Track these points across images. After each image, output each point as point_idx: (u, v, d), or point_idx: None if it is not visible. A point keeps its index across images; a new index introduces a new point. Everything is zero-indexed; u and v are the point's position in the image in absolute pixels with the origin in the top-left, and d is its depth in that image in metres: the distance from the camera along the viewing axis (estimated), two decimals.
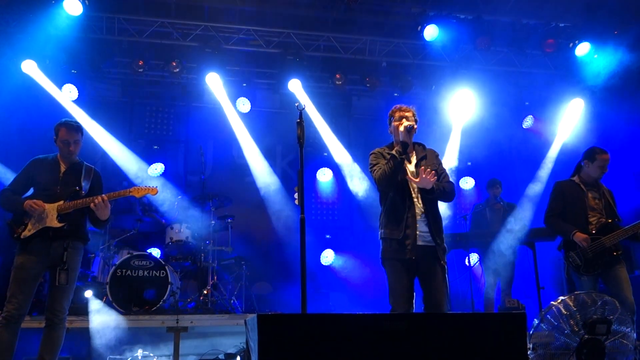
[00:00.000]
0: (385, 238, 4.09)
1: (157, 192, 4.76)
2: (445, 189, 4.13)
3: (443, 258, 4.03)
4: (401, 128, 4.08)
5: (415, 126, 4.17)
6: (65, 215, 4.37)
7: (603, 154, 5.16)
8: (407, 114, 4.21)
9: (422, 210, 4.04)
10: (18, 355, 4.98)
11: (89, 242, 4.64)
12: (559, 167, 9.38)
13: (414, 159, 4.22)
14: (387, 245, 4.07)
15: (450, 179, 4.28)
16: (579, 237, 4.96)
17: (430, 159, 4.25)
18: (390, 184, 4.07)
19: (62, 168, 4.51)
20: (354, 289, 8.30)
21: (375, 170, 4.16)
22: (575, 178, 5.30)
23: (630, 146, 8.81)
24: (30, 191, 4.50)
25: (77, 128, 4.53)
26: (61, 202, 4.38)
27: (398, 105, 4.32)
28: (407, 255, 3.93)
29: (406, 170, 4.11)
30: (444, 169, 4.28)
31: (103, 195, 4.43)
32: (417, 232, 3.97)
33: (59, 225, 4.34)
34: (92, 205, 4.35)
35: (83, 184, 4.53)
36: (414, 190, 4.07)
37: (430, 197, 4.05)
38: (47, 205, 4.34)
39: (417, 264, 3.96)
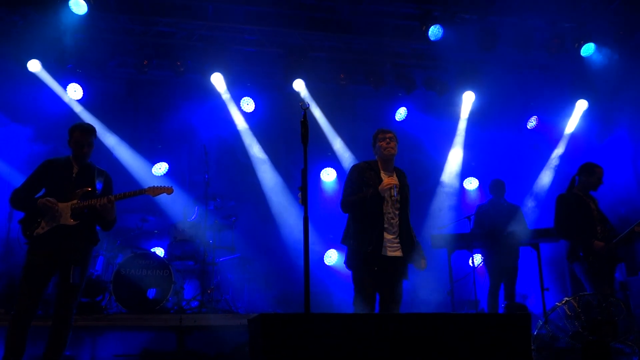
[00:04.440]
0: (352, 249, 4.39)
1: (172, 191, 4.80)
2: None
3: (406, 270, 4.39)
4: (383, 151, 4.48)
5: (392, 148, 4.49)
6: (79, 214, 4.42)
7: (600, 168, 5.65)
8: (388, 135, 4.55)
9: (396, 224, 4.37)
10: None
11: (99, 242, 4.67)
12: (563, 168, 9.35)
13: (394, 180, 4.48)
14: (353, 254, 4.38)
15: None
16: (598, 245, 5.25)
17: (406, 186, 4.64)
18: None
19: (75, 169, 4.56)
20: None
21: (346, 194, 4.51)
22: (576, 190, 5.65)
23: (634, 147, 8.78)
24: (42, 192, 4.54)
25: (91, 131, 4.61)
26: (75, 200, 4.43)
27: (381, 128, 4.68)
28: (372, 265, 4.24)
29: (381, 182, 4.40)
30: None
31: (110, 196, 4.49)
32: (389, 245, 4.29)
33: (73, 223, 4.38)
34: (97, 205, 4.39)
35: (97, 184, 4.59)
36: (386, 203, 4.35)
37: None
38: (60, 204, 4.39)
39: (380, 272, 4.26)
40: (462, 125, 9.35)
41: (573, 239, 5.48)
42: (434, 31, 7.88)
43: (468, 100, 9.10)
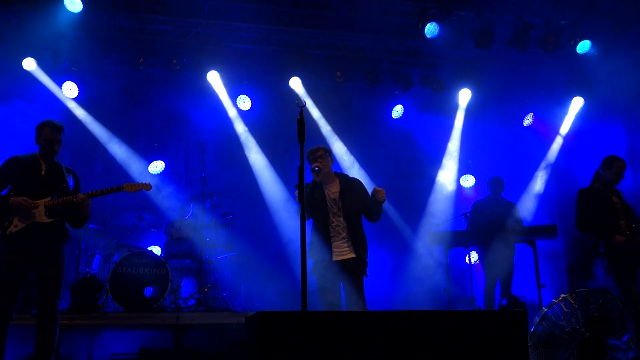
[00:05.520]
0: (311, 258, 4.72)
1: (150, 187, 4.80)
2: (380, 211, 4.88)
3: (362, 269, 4.71)
4: (312, 171, 4.76)
5: (320, 166, 4.74)
6: (54, 211, 4.39)
7: (620, 161, 5.44)
8: (317, 154, 4.83)
9: (342, 229, 4.71)
10: (14, 353, 4.97)
11: (71, 239, 4.65)
12: (559, 165, 9.38)
13: (336, 188, 4.83)
14: (313, 262, 4.72)
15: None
16: (620, 239, 5.09)
17: (355, 188, 4.90)
18: (309, 215, 4.75)
19: (43, 167, 4.52)
20: None
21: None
22: (597, 184, 5.47)
23: (629, 143, 8.81)
24: (7, 188, 4.48)
25: (60, 128, 4.55)
26: (48, 198, 4.40)
27: (310, 149, 4.90)
28: (328, 269, 4.61)
29: (325, 198, 4.77)
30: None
31: (87, 192, 4.48)
32: (335, 250, 4.67)
33: (48, 220, 4.35)
34: (75, 201, 4.36)
35: (68, 181, 4.57)
36: (332, 214, 4.73)
37: (376, 207, 4.78)
38: (33, 202, 4.34)
39: (339, 275, 4.63)
40: (458, 122, 9.35)
41: (594, 234, 5.31)
42: (430, 29, 7.87)
43: (464, 97, 9.11)
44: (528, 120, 9.56)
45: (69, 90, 8.25)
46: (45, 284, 4.31)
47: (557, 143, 9.44)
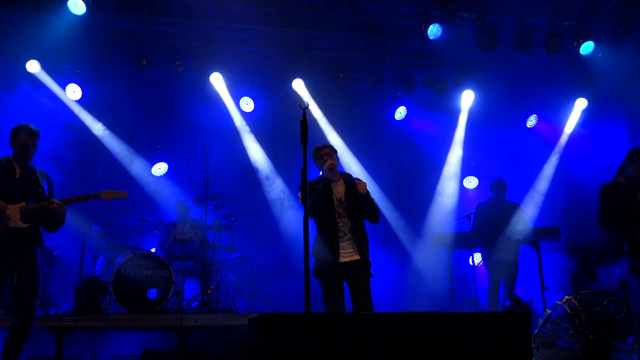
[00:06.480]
0: (315, 258, 4.69)
1: (127, 195, 4.80)
2: (374, 209, 4.84)
3: (367, 269, 4.69)
4: (325, 167, 4.74)
5: (334, 162, 4.74)
6: (29, 217, 4.37)
7: None
8: (324, 151, 4.82)
9: (348, 230, 4.69)
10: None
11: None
12: (562, 167, 9.36)
13: (341, 188, 4.80)
14: (317, 263, 4.69)
15: (377, 206, 4.95)
16: None
17: (352, 193, 4.79)
18: (317, 213, 4.69)
19: (18, 170, 4.48)
20: None
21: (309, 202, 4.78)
22: (621, 179, 5.24)
23: (633, 145, 8.78)
24: None
25: (36, 133, 4.53)
26: (23, 203, 4.37)
27: (317, 146, 4.91)
28: (333, 271, 4.59)
29: (332, 198, 4.72)
30: (372, 197, 4.91)
31: (63, 199, 4.45)
32: (341, 251, 4.63)
33: (24, 226, 4.33)
34: (50, 207, 4.33)
35: (43, 185, 4.54)
36: (338, 215, 4.70)
37: (365, 204, 4.72)
38: (8, 206, 4.32)
39: (343, 276, 4.63)
40: (461, 124, 9.35)
41: (617, 231, 5.07)
42: (433, 30, 7.87)
43: (467, 99, 9.10)
44: (531, 122, 9.55)
45: (73, 93, 8.27)
46: (21, 287, 4.28)
47: (561, 144, 9.42)
